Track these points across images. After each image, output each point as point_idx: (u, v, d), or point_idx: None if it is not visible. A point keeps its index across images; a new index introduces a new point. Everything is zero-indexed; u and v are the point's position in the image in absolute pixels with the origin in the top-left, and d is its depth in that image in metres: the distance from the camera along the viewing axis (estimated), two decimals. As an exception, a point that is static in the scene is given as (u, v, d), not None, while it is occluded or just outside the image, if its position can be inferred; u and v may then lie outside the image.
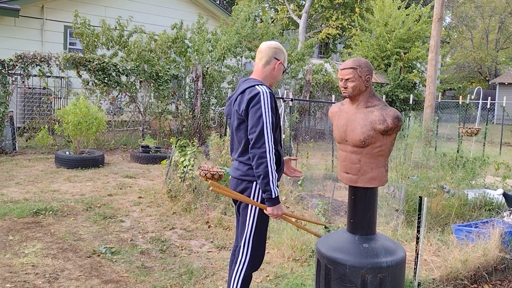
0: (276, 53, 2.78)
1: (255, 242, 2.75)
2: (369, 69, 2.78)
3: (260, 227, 2.76)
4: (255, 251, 2.75)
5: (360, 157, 2.78)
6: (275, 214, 2.64)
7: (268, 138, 2.55)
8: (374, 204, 2.89)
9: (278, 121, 2.73)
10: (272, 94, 2.64)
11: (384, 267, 2.71)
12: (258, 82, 2.67)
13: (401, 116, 2.73)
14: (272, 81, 2.81)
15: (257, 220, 2.74)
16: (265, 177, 2.55)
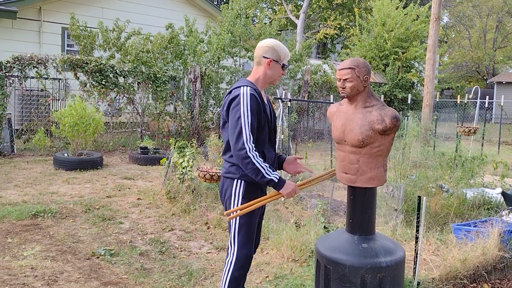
0: (265, 51, 2.70)
1: (241, 241, 2.68)
2: (367, 69, 2.78)
3: (244, 225, 2.69)
4: (241, 250, 2.69)
5: (358, 157, 2.78)
6: (291, 193, 2.63)
7: (247, 139, 2.51)
8: (373, 204, 2.89)
9: (265, 121, 2.66)
10: (253, 96, 2.58)
11: (384, 267, 2.71)
12: (245, 83, 2.64)
13: (400, 116, 2.74)
14: (268, 81, 2.76)
15: (239, 218, 2.67)
16: (257, 174, 2.54)
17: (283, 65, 2.75)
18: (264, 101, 2.72)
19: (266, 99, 2.83)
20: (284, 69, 2.78)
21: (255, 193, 2.72)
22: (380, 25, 18.30)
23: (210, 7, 15.96)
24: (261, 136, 2.66)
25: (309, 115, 14.45)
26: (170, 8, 15.06)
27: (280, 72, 2.76)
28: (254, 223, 2.74)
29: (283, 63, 2.75)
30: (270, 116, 2.77)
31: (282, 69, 2.75)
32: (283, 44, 2.77)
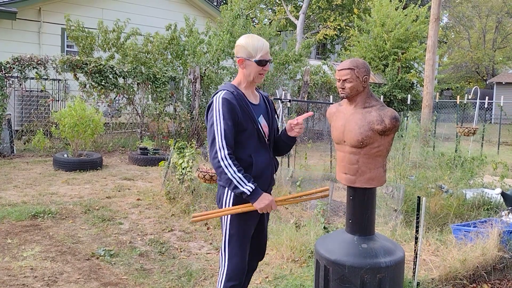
0: (237, 51, 2.56)
1: (230, 252, 2.56)
2: (366, 70, 2.78)
3: (234, 236, 2.56)
4: (231, 261, 2.56)
5: (358, 157, 2.78)
6: (264, 208, 2.45)
7: (219, 146, 2.41)
8: (372, 205, 2.89)
9: (249, 124, 2.51)
10: (226, 100, 2.45)
11: (383, 267, 2.71)
12: (223, 88, 2.55)
13: (399, 116, 2.74)
14: (249, 80, 2.57)
15: (229, 228, 2.56)
16: (230, 184, 2.42)
17: (259, 61, 2.52)
18: (248, 102, 2.56)
19: (261, 98, 2.71)
20: (261, 65, 2.54)
21: (245, 201, 2.54)
22: (379, 26, 18.32)
23: (210, 8, 15.97)
24: (245, 139, 2.52)
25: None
26: (169, 8, 15.07)
27: (256, 69, 2.54)
28: (247, 234, 2.59)
29: (256, 59, 2.52)
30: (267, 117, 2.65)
31: (258, 66, 2.53)
32: (256, 37, 2.57)
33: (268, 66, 2.57)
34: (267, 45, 2.57)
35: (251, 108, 2.55)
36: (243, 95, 2.55)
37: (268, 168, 2.62)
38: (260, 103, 2.67)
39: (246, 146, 2.52)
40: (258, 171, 2.55)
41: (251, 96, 2.62)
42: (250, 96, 2.61)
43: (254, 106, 2.59)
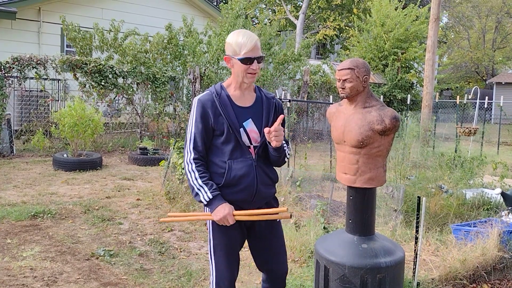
0: (225, 48, 2.39)
1: (216, 263, 2.47)
2: (366, 70, 2.78)
3: (218, 247, 2.46)
4: (218, 273, 2.47)
5: (358, 157, 2.78)
6: (221, 220, 2.29)
7: (187, 150, 2.35)
8: (372, 205, 2.89)
9: (225, 128, 2.33)
10: (200, 102, 2.34)
11: (383, 268, 2.71)
12: (209, 88, 2.43)
13: (399, 116, 2.73)
14: (238, 80, 2.38)
15: (212, 237, 2.48)
16: (192, 190, 2.33)
17: (243, 59, 2.30)
18: (232, 105, 2.37)
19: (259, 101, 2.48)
20: (246, 63, 2.31)
21: None
22: (379, 26, 18.32)
23: (209, 8, 15.97)
24: (221, 144, 2.35)
25: (309, 115, 14.46)
26: (169, 8, 15.06)
27: (241, 68, 2.32)
28: (230, 245, 2.45)
29: (239, 57, 2.31)
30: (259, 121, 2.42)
31: (242, 64, 2.31)
32: (243, 33, 2.35)
33: (255, 64, 2.33)
34: (254, 41, 2.32)
35: (233, 112, 2.35)
36: (228, 97, 2.38)
37: (249, 176, 2.36)
38: (253, 106, 2.44)
39: (223, 151, 2.36)
40: (233, 179, 2.35)
41: (242, 98, 2.42)
42: (241, 98, 2.42)
43: (240, 109, 2.39)
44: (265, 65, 13.87)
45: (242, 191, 2.37)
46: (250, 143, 2.39)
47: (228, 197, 2.36)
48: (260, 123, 2.42)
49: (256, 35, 2.38)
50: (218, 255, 2.46)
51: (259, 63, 2.36)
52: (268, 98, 2.51)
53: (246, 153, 2.38)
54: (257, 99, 2.48)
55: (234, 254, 2.49)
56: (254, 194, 2.39)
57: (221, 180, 2.36)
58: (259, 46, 2.37)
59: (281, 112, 2.52)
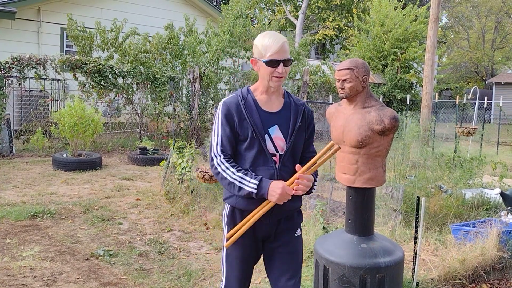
0: (253, 51, 2.30)
1: (227, 271, 2.39)
2: (366, 70, 2.78)
3: (229, 257, 2.37)
4: (228, 277, 2.39)
5: (357, 157, 2.78)
6: (280, 198, 2.12)
7: (214, 153, 2.23)
8: (372, 205, 2.89)
9: (248, 133, 2.21)
10: (225, 105, 2.24)
11: (383, 267, 2.71)
12: (235, 92, 2.34)
13: (398, 116, 2.74)
14: (265, 84, 2.27)
15: (225, 249, 2.38)
16: (233, 187, 2.17)
17: (268, 62, 2.20)
18: (258, 109, 2.26)
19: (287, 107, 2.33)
20: (271, 66, 2.20)
21: (239, 221, 2.30)
22: (378, 26, 18.33)
23: (209, 8, 15.97)
24: (243, 150, 2.23)
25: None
26: (169, 8, 15.06)
27: (267, 71, 2.22)
28: (240, 255, 2.33)
29: (264, 59, 2.20)
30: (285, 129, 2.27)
31: (267, 67, 2.21)
32: (270, 34, 2.25)
33: (281, 67, 2.20)
34: (281, 43, 2.20)
35: (259, 116, 2.23)
36: (254, 101, 2.26)
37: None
38: (280, 112, 2.30)
39: (244, 158, 2.24)
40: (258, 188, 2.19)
41: (269, 103, 2.29)
42: (267, 103, 2.29)
43: (267, 114, 2.26)
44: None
45: (259, 202, 2.22)
46: (275, 150, 2.24)
47: (245, 207, 2.25)
48: (287, 130, 2.27)
49: (284, 37, 2.25)
50: (229, 264, 2.38)
51: (285, 66, 2.22)
52: (297, 105, 2.35)
53: (269, 161, 2.24)
54: (285, 104, 2.33)
55: (246, 267, 2.37)
56: (273, 206, 2.22)
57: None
58: (287, 48, 2.24)
59: (310, 120, 2.38)
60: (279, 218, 2.31)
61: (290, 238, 2.38)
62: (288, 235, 2.36)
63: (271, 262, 2.40)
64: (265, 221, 2.27)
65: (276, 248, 2.36)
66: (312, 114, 2.41)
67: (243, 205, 2.25)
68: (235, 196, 2.26)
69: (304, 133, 2.34)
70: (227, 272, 2.38)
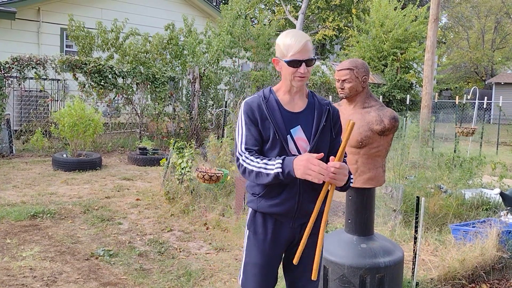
0: (276, 50, 2.23)
1: (243, 279, 2.31)
2: (365, 70, 2.78)
3: (247, 266, 2.29)
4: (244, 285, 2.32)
5: (357, 157, 2.79)
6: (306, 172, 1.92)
7: (239, 152, 2.13)
8: (371, 205, 2.89)
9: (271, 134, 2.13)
10: (247, 104, 2.18)
11: (382, 267, 2.72)
12: (257, 92, 2.28)
13: (398, 117, 2.74)
14: (288, 84, 2.20)
15: (245, 255, 2.31)
16: (260, 177, 2.05)
17: (289, 62, 2.12)
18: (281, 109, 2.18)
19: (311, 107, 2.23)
20: (293, 66, 2.12)
21: (261, 225, 2.22)
22: (378, 26, 18.34)
23: (209, 8, 15.97)
24: (266, 152, 2.14)
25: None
26: (169, 9, 15.07)
27: (289, 71, 2.14)
28: (262, 266, 2.25)
29: (286, 59, 2.13)
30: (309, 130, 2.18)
31: (289, 67, 2.13)
32: (293, 33, 2.17)
33: (303, 67, 2.12)
34: (303, 42, 2.12)
35: (281, 117, 2.16)
36: (276, 101, 2.20)
37: (291, 189, 2.15)
38: (304, 112, 2.21)
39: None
40: (273, 190, 2.16)
41: (292, 103, 2.22)
42: (290, 103, 2.21)
43: (289, 114, 2.19)
44: (265, 65, 13.88)
45: (281, 205, 2.16)
46: (298, 152, 2.14)
47: (267, 209, 2.18)
48: (310, 130, 2.18)
49: (307, 36, 2.17)
50: (245, 273, 2.29)
51: (308, 66, 2.14)
52: (321, 104, 2.25)
53: None
54: (308, 104, 2.24)
55: (262, 275, 2.27)
56: (296, 209, 2.17)
57: (261, 190, 2.18)
58: (310, 47, 2.14)
59: (336, 120, 2.28)
60: (303, 222, 2.22)
61: (313, 243, 2.24)
62: (311, 239, 2.22)
63: (292, 267, 2.31)
64: (288, 224, 2.20)
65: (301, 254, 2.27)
66: (338, 113, 2.31)
67: (265, 208, 2.18)
68: (257, 200, 2.20)
69: (329, 133, 2.23)
70: (243, 281, 2.31)
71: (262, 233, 2.22)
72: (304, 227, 2.20)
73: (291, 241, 2.26)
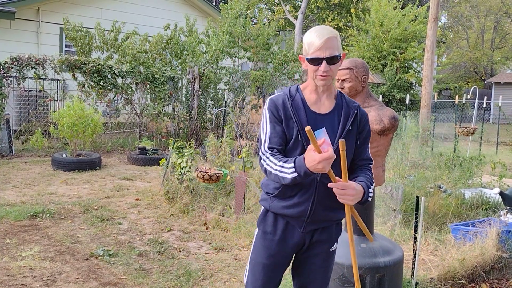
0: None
1: (248, 276, 2.28)
2: (365, 70, 2.78)
3: (251, 262, 2.26)
4: (247, 283, 2.29)
5: (357, 157, 2.78)
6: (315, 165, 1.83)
7: (261, 150, 2.08)
8: (371, 204, 2.89)
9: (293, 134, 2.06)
10: (272, 102, 2.11)
11: (382, 267, 2.72)
12: (283, 89, 2.21)
13: (398, 116, 2.74)
14: (312, 82, 2.12)
15: (251, 252, 2.28)
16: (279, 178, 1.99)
17: (310, 59, 2.04)
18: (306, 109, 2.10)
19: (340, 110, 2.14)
20: (313, 63, 2.04)
21: (271, 225, 2.18)
22: (377, 26, 18.33)
23: (209, 8, 15.97)
24: (288, 151, 2.07)
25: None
26: (169, 8, 15.06)
27: (310, 69, 2.06)
28: (262, 262, 2.20)
29: (307, 57, 2.06)
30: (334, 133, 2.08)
31: (310, 65, 2.06)
32: (316, 29, 2.06)
33: (324, 66, 2.01)
34: (324, 38, 2.01)
35: (305, 117, 2.07)
36: (302, 100, 2.11)
37: (306, 192, 2.08)
38: (330, 114, 2.12)
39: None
40: (287, 191, 2.10)
41: (318, 103, 2.12)
42: (316, 103, 2.12)
43: (315, 115, 2.10)
44: (264, 65, 13.88)
45: (293, 207, 2.09)
46: None
47: (279, 210, 2.13)
48: (335, 133, 2.08)
49: (332, 31, 2.05)
50: (251, 270, 2.26)
51: (331, 65, 2.03)
52: (349, 107, 2.14)
53: None
54: (336, 106, 2.14)
55: (264, 273, 2.21)
56: (308, 214, 2.09)
57: (275, 190, 2.12)
58: (333, 44, 2.02)
59: (364, 124, 2.16)
60: (315, 228, 2.16)
61: (324, 252, 2.22)
62: (323, 247, 2.20)
63: (300, 269, 2.27)
64: (299, 228, 2.14)
65: (308, 258, 2.22)
66: (366, 118, 2.20)
67: (277, 208, 2.13)
68: (269, 199, 2.16)
69: (355, 138, 2.12)
70: (248, 278, 2.28)
71: (271, 233, 2.17)
72: (316, 233, 2.17)
73: (301, 246, 2.19)
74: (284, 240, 2.16)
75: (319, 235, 2.18)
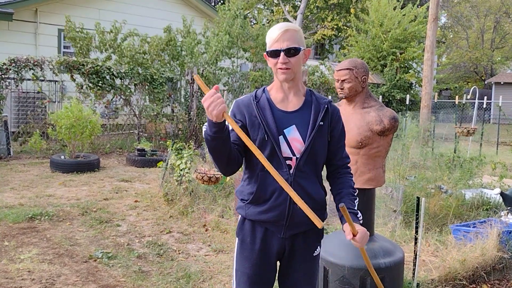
0: None
1: (236, 282, 2.18)
2: (365, 70, 2.76)
3: (237, 273, 2.17)
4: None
5: (357, 158, 2.76)
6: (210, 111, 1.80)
7: None
8: (372, 205, 2.87)
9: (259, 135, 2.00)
10: (236, 103, 2.09)
11: (383, 268, 2.69)
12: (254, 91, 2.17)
13: (398, 117, 2.72)
14: (275, 79, 2.11)
15: (235, 260, 2.18)
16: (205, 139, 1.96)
17: (268, 52, 2.02)
18: (272, 108, 2.05)
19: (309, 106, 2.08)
20: (272, 56, 2.00)
21: (249, 234, 2.10)
22: (377, 26, 18.33)
23: (207, 8, 15.96)
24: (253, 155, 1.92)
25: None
26: (167, 9, 15.05)
27: (270, 63, 2.03)
28: (245, 271, 2.11)
29: (267, 50, 2.03)
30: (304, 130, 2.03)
31: (269, 58, 2.03)
32: (279, 24, 2.03)
33: (283, 57, 1.96)
34: (282, 30, 1.97)
35: (272, 116, 2.02)
36: (268, 100, 2.07)
37: (281, 194, 2.00)
38: (299, 111, 2.07)
39: (256, 161, 1.97)
40: (262, 195, 2.03)
41: (285, 101, 2.08)
42: (283, 102, 2.08)
43: (283, 113, 2.05)
44: (264, 65, 13.86)
45: (270, 211, 2.02)
46: (292, 153, 2.01)
47: (255, 217, 2.05)
48: (306, 130, 2.02)
49: (291, 25, 2.01)
50: (237, 280, 2.17)
51: (290, 57, 1.97)
52: (319, 103, 2.09)
53: (283, 165, 2.00)
54: (305, 102, 2.08)
55: (249, 282, 2.12)
56: (287, 216, 2.02)
57: (250, 196, 2.05)
58: (290, 36, 1.97)
59: (337, 120, 2.11)
60: (295, 232, 2.09)
61: (307, 258, 2.14)
62: (305, 254, 2.13)
63: (284, 279, 2.19)
64: (279, 234, 2.06)
65: (291, 266, 2.14)
66: (338, 113, 2.13)
67: (253, 215, 2.06)
68: (245, 206, 2.08)
69: (327, 134, 2.07)
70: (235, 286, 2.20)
71: (250, 242, 2.09)
72: (297, 238, 2.09)
73: (282, 253, 2.12)
74: (265, 248, 2.09)
75: (301, 241, 2.11)
